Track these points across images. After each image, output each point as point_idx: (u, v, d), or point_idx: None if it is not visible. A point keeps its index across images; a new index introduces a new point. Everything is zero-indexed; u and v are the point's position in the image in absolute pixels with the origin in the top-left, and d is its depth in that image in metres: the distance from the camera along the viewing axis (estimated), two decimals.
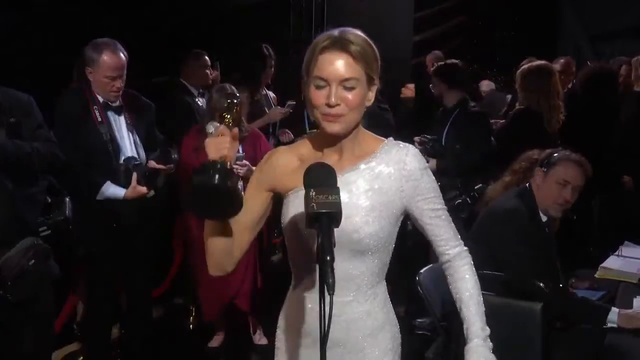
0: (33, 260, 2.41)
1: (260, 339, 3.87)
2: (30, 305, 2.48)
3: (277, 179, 1.62)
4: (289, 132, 4.53)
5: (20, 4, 3.56)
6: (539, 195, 2.77)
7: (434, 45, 7.14)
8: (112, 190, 3.11)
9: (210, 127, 1.42)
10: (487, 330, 1.65)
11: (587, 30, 8.70)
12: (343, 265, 1.55)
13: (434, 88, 4.25)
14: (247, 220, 1.61)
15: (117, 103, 3.20)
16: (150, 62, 4.19)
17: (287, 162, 1.64)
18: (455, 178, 3.92)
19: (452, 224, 1.69)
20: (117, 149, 3.16)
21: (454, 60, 4.31)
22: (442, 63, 4.38)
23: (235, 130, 1.44)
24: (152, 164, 3.23)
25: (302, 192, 1.37)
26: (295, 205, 1.58)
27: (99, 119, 3.12)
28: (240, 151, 3.55)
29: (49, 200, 2.78)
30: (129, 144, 3.21)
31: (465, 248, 1.71)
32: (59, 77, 3.55)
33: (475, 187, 3.78)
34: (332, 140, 1.59)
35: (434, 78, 4.23)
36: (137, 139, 3.24)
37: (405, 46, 6.51)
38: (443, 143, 4.06)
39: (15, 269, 2.36)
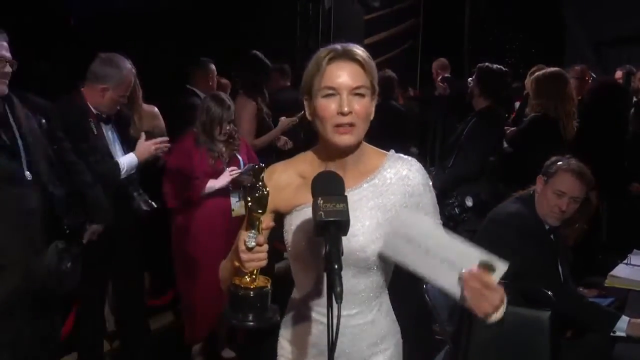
0: (70, 263, 2.43)
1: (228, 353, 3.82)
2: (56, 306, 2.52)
3: (281, 199, 1.59)
4: (287, 139, 4.51)
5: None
6: (538, 203, 2.77)
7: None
8: (127, 160, 3.07)
9: (252, 242, 1.34)
10: None
11: (592, 37, 8.67)
12: (349, 282, 1.55)
13: (471, 86, 4.18)
14: None
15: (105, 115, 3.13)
16: (159, 70, 4.22)
17: (289, 180, 1.61)
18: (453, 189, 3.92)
19: None
20: None
21: (500, 67, 4.14)
22: (486, 65, 4.16)
23: (268, 224, 1.42)
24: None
25: (306, 209, 1.36)
26: (299, 222, 1.57)
27: (95, 132, 3.03)
28: (241, 162, 3.57)
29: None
30: (121, 156, 3.15)
31: None
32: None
33: (465, 199, 3.77)
34: (336, 157, 1.57)
35: (474, 76, 4.14)
36: (125, 150, 3.19)
37: None
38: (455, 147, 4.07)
39: (58, 271, 2.39)
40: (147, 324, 3.67)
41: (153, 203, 3.21)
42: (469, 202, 3.72)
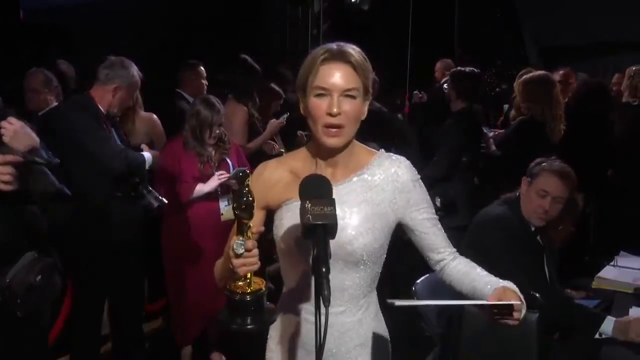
0: (40, 276, 2.34)
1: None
2: (31, 320, 2.43)
3: (271, 195, 1.62)
4: (274, 143, 4.51)
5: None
6: (523, 203, 2.78)
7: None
8: (147, 156, 3.16)
9: (240, 249, 1.34)
10: None
11: (539, 43, 8.72)
12: (337, 277, 1.56)
13: (447, 91, 4.36)
14: None
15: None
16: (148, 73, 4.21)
17: (280, 176, 1.64)
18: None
19: (443, 231, 1.71)
20: None
21: (473, 70, 4.27)
22: (459, 69, 4.34)
23: (259, 227, 1.45)
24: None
25: (295, 203, 1.37)
26: (288, 217, 1.58)
27: (107, 131, 3.10)
28: (231, 166, 3.56)
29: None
30: None
31: (455, 249, 1.73)
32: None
33: (435, 200, 3.83)
34: (327, 154, 1.60)
35: (449, 81, 4.32)
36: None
37: None
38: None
39: (24, 284, 2.29)
40: (141, 329, 3.65)
41: (163, 199, 3.23)
42: (437, 203, 3.82)
